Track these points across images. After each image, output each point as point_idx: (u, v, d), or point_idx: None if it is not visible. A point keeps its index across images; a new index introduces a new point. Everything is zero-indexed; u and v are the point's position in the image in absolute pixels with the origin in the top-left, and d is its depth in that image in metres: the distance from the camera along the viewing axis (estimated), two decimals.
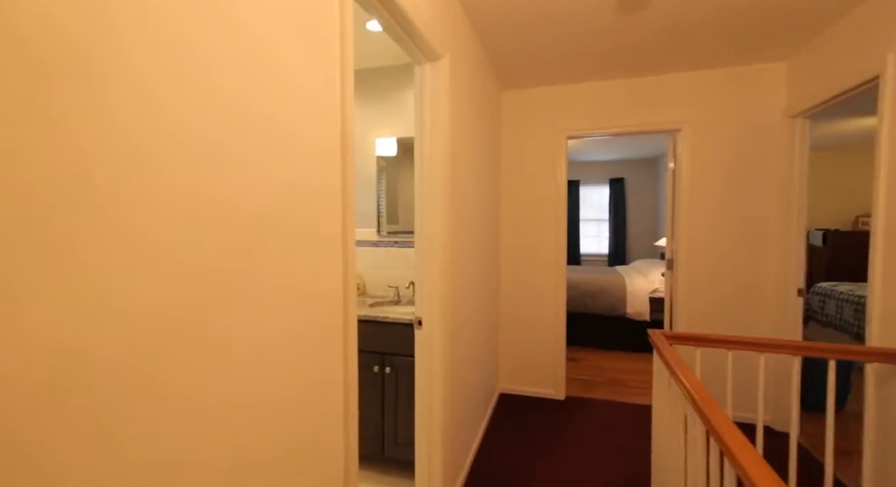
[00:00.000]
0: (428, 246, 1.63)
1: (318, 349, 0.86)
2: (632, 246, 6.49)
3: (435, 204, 1.63)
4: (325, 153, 0.88)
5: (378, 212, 2.57)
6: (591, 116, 2.83)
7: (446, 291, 1.66)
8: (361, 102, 2.59)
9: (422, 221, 1.64)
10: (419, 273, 1.65)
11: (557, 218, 2.92)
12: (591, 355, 3.96)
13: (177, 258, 0.55)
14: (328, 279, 0.90)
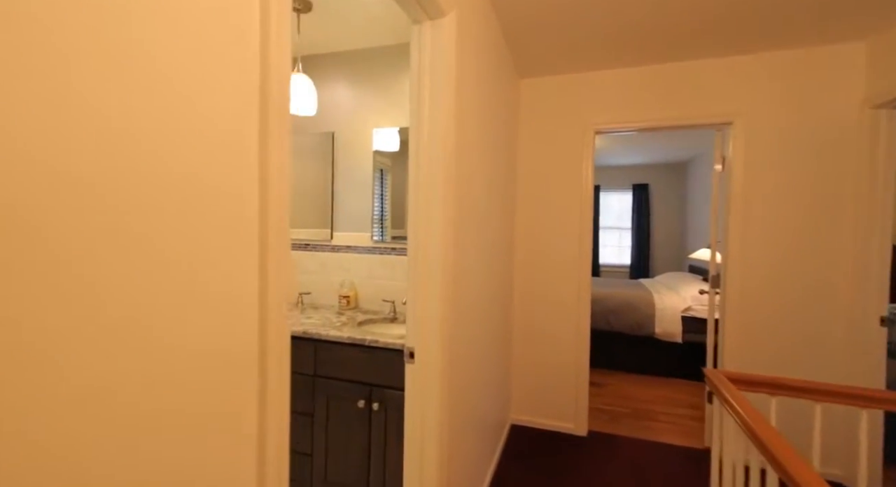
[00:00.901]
0: (423, 260, 1.27)
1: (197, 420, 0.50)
2: (656, 258, 6.02)
3: (433, 207, 1.27)
4: (229, 118, 0.53)
5: (373, 214, 2.23)
6: (624, 108, 2.44)
7: (446, 316, 1.30)
8: (356, 88, 2.25)
9: (416, 229, 1.28)
10: (412, 294, 1.28)
11: (582, 224, 2.53)
12: (615, 379, 3.53)
13: None
14: (228, 294, 0.54)
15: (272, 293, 0.58)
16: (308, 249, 2.36)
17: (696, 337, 3.52)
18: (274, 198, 0.58)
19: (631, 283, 4.54)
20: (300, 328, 1.77)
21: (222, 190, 0.52)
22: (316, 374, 1.76)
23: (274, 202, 0.58)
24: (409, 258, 1.29)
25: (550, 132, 2.59)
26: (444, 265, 1.28)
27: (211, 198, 0.51)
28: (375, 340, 1.65)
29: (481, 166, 1.73)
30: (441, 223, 1.27)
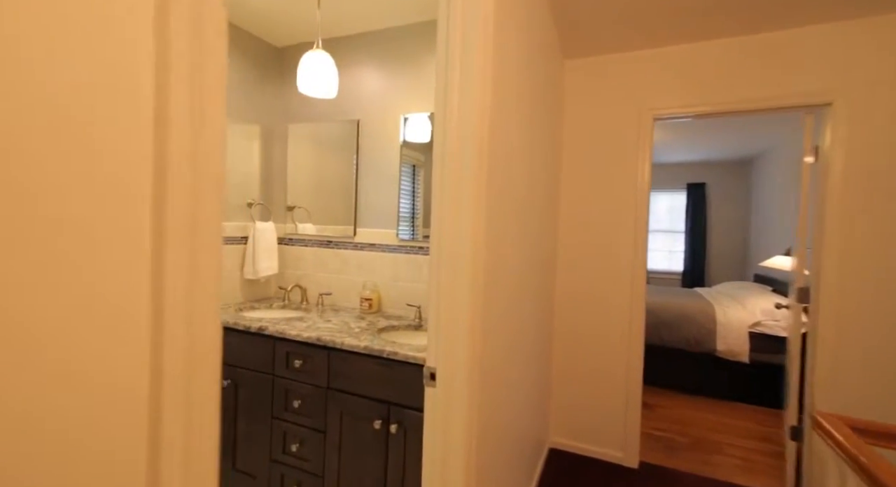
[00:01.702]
0: (448, 262, 1.03)
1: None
2: (714, 265, 5.46)
3: (462, 199, 1.03)
4: None
5: (399, 211, 2.02)
6: (689, 90, 2.09)
7: (475, 330, 1.05)
8: (382, 71, 2.06)
9: (440, 225, 1.04)
10: (434, 303, 1.05)
11: (637, 225, 2.20)
12: (668, 400, 3.13)
13: None
14: (90, 297, 0.33)
15: (177, 300, 0.37)
16: (330, 246, 2.19)
17: (766, 358, 3.06)
18: (181, 162, 0.37)
19: (686, 292, 4.08)
20: (314, 334, 1.59)
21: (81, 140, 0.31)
22: (329, 386, 1.57)
23: (181, 167, 0.37)
24: (431, 260, 1.06)
25: (600, 120, 2.28)
26: (474, 268, 1.03)
27: (66, 149, 0.30)
28: (394, 352, 1.43)
29: (521, 156, 1.47)
30: (471, 219, 1.02)
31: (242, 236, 2.15)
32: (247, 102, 2.15)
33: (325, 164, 2.19)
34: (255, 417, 1.72)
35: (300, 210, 2.25)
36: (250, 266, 2.12)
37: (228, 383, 1.77)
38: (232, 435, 1.77)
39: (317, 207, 2.22)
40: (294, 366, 1.63)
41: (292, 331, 1.62)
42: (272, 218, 2.30)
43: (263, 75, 2.23)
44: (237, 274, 2.13)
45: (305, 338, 1.59)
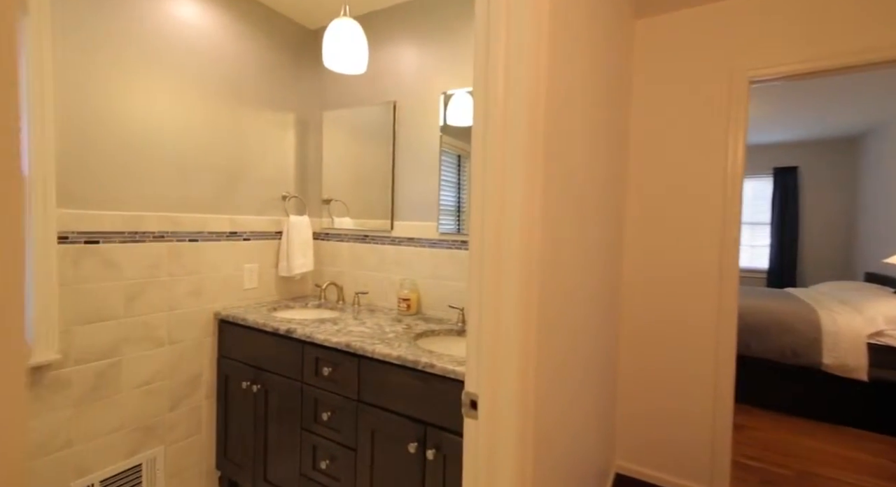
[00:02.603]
0: (493, 267, 0.78)
1: None
2: (808, 262, 4.71)
3: (509, 180, 0.78)
4: None
5: (440, 202, 1.79)
6: (796, 41, 1.66)
7: (529, 349, 0.80)
8: (420, 44, 1.83)
9: (482, 212, 0.80)
10: (474, 312, 0.81)
11: (727, 217, 1.81)
12: (760, 420, 2.66)
13: None
14: None
15: None
16: (367, 241, 2.02)
17: (892, 375, 2.48)
18: None
19: (777, 294, 3.50)
20: (343, 339, 1.41)
21: None
22: (359, 399, 1.38)
23: None
24: (470, 258, 0.82)
25: (679, 90, 1.90)
26: (527, 268, 0.78)
27: None
28: (430, 364, 1.21)
29: (581, 134, 1.18)
30: (522, 206, 0.77)
31: (277, 231, 2.04)
32: (280, 89, 2.02)
33: (361, 153, 2.02)
34: (284, 426, 1.58)
35: (337, 203, 2.10)
36: (284, 262, 2.00)
37: (259, 389, 1.65)
38: (262, 443, 1.65)
39: (354, 200, 2.06)
40: (323, 374, 1.46)
41: (320, 335, 1.45)
42: (307, 211, 2.17)
43: (297, 59, 2.10)
44: (272, 272, 2.03)
45: (334, 344, 1.41)
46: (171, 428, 1.66)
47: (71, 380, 1.38)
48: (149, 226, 1.55)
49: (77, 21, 1.34)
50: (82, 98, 1.37)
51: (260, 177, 1.96)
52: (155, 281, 1.58)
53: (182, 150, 1.65)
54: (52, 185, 1.30)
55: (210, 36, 1.72)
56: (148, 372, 1.58)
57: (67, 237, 1.35)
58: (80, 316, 1.39)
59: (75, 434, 1.39)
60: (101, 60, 1.41)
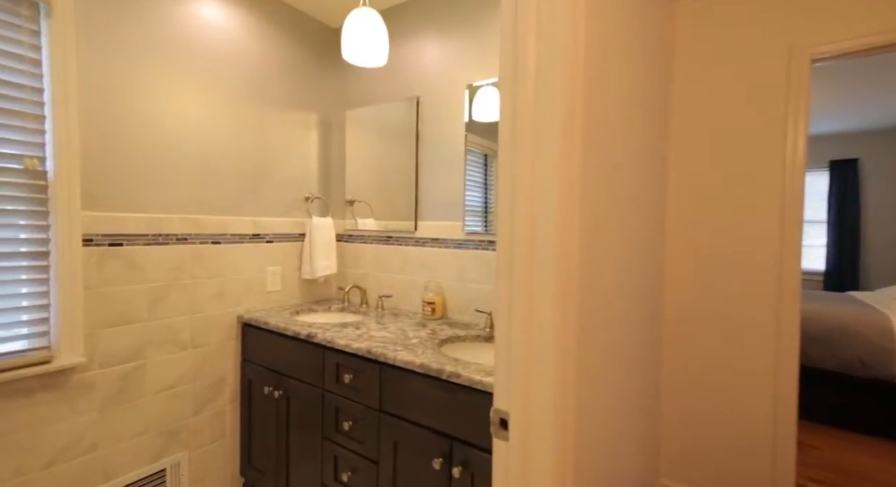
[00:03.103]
0: (523, 259, 0.68)
1: None
2: (872, 263, 4.29)
3: (543, 169, 0.68)
4: None
5: (465, 201, 1.70)
6: (864, 11, 1.46)
7: (568, 361, 0.69)
8: (443, 36, 1.75)
9: (512, 207, 0.70)
10: (504, 323, 0.71)
11: (786, 213, 1.61)
12: (825, 438, 2.39)
13: None
14: None
15: None
16: (390, 242, 1.95)
17: None
18: None
19: (840, 298, 3.18)
20: (364, 345, 1.34)
21: None
22: (381, 409, 1.30)
23: None
24: (498, 259, 0.72)
25: (727, 69, 1.73)
26: (564, 269, 0.67)
27: None
28: (456, 373, 1.12)
29: (620, 119, 1.05)
30: (558, 200, 0.67)
31: (300, 233, 2.00)
32: (303, 88, 2.00)
33: (384, 152, 1.96)
34: (306, 434, 1.52)
35: (360, 204, 2.05)
36: (307, 265, 1.96)
37: (280, 394, 1.60)
38: (285, 451, 1.60)
39: (377, 200, 2.00)
40: (344, 381, 1.39)
41: (341, 341, 1.39)
42: (330, 213, 2.13)
43: (319, 58, 2.07)
44: (295, 275, 1.99)
45: (354, 350, 1.34)
46: (194, 433, 1.64)
47: (95, 384, 1.37)
48: (172, 228, 1.54)
49: (100, 23, 1.34)
50: (105, 100, 1.37)
51: (283, 179, 1.93)
52: (178, 284, 1.56)
53: (205, 152, 1.64)
54: (76, 188, 1.30)
55: (232, 36, 1.71)
56: (172, 376, 1.56)
57: (92, 239, 1.35)
58: (104, 319, 1.38)
59: (100, 438, 1.39)
60: (124, 62, 1.41)
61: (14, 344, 1.21)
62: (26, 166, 1.21)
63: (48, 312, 1.27)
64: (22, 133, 1.20)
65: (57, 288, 1.27)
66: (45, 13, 1.22)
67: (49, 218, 1.26)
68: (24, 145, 1.20)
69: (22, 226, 1.21)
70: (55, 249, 1.26)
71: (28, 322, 1.24)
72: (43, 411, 1.26)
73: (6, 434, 1.20)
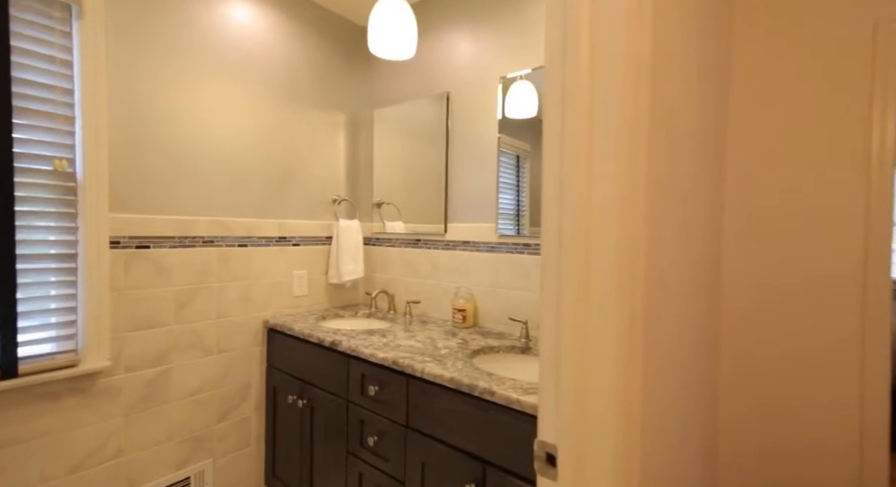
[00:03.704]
0: (578, 277, 0.56)
1: None
2: None
3: (600, 162, 0.56)
4: None
5: (498, 203, 1.59)
6: None
7: (631, 390, 0.56)
8: (475, 27, 1.66)
9: (560, 223, 0.59)
10: (549, 347, 0.59)
11: (871, 214, 1.39)
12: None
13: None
14: None
15: None
16: (419, 246, 1.86)
17: None
18: None
19: None
20: (389, 354, 1.25)
21: None
22: (408, 425, 1.21)
23: None
24: (543, 265, 0.60)
25: (799, 47, 1.53)
26: (630, 280, 0.55)
27: None
28: (489, 390, 1.00)
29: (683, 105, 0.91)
30: (621, 201, 0.55)
31: (327, 236, 1.95)
32: (331, 88, 1.95)
33: (413, 152, 1.88)
34: (330, 448, 1.44)
35: (389, 206, 1.98)
36: (334, 269, 1.91)
37: (304, 404, 1.54)
38: (309, 464, 1.53)
39: (405, 202, 1.92)
40: (369, 393, 1.31)
41: (366, 350, 1.30)
42: (358, 215, 2.07)
43: (347, 57, 2.02)
44: (322, 279, 1.94)
45: (380, 360, 1.25)
46: (219, 440, 1.60)
47: (121, 388, 1.35)
48: (199, 230, 1.52)
49: (129, 24, 1.34)
50: (133, 101, 1.36)
51: (310, 180, 1.89)
52: (204, 288, 1.53)
53: (232, 153, 1.61)
54: (104, 189, 1.29)
55: (259, 36, 1.68)
56: (197, 382, 1.53)
57: (119, 242, 1.33)
58: (130, 322, 1.36)
59: (125, 444, 1.36)
60: (152, 63, 1.40)
61: (42, 347, 1.20)
62: (56, 167, 1.20)
63: (76, 315, 1.26)
64: (52, 134, 1.20)
65: (84, 290, 1.26)
66: (76, 15, 1.22)
67: (77, 219, 1.25)
68: (53, 146, 1.20)
69: (51, 227, 1.21)
70: (83, 251, 1.25)
71: (56, 324, 1.23)
72: (69, 415, 1.25)
73: (33, 439, 1.19)
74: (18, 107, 1.13)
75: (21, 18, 1.13)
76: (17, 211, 1.14)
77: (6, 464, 1.14)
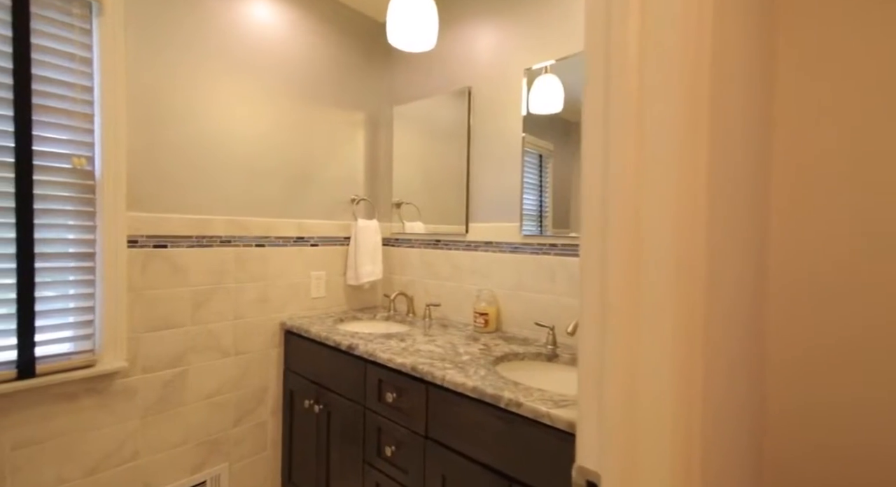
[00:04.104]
0: (626, 280, 0.48)
1: None
2: None
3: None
4: None
5: (523, 203, 1.51)
6: None
7: (690, 414, 0.48)
8: (498, 17, 1.59)
9: (604, 221, 0.51)
10: (591, 359, 0.51)
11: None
12: None
13: None
14: None
15: None
16: (439, 246, 1.80)
17: None
18: None
19: None
20: (408, 360, 1.18)
21: None
22: (428, 435, 1.14)
23: None
24: (582, 264, 0.53)
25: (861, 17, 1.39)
26: (688, 287, 0.47)
27: None
28: (516, 401, 0.92)
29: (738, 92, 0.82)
30: (677, 200, 0.47)
31: (345, 236, 1.91)
32: (350, 85, 1.92)
33: (433, 150, 1.82)
34: (346, 455, 1.39)
35: (408, 206, 1.92)
36: (352, 270, 1.86)
37: (321, 409, 1.49)
38: (325, 471, 1.48)
39: (425, 202, 1.86)
40: (387, 400, 1.25)
41: (383, 354, 1.24)
42: (377, 215, 2.02)
43: (367, 54, 1.98)
44: (340, 280, 1.90)
45: (398, 365, 1.19)
46: (236, 444, 1.57)
47: (137, 390, 1.33)
48: (216, 229, 1.50)
49: (148, 21, 1.33)
50: (151, 99, 1.34)
51: (328, 180, 1.85)
52: (221, 288, 1.51)
53: (250, 152, 1.59)
54: (122, 187, 1.27)
55: (278, 34, 1.66)
56: (213, 384, 1.50)
57: (136, 241, 1.32)
58: (147, 322, 1.34)
59: (141, 447, 1.34)
60: (171, 61, 1.38)
61: (60, 347, 1.19)
62: (74, 165, 1.19)
63: (93, 314, 1.25)
64: (70, 132, 1.19)
65: (102, 289, 1.24)
66: (96, 12, 1.21)
67: (95, 218, 1.24)
68: (72, 144, 1.19)
69: (70, 226, 1.20)
70: (100, 250, 1.24)
71: (73, 324, 1.22)
72: (85, 416, 1.23)
73: (49, 440, 1.17)
74: (38, 105, 1.13)
75: (41, 15, 1.13)
76: (35, 209, 1.13)
77: (22, 465, 1.13)
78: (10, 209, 1.09)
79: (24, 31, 1.09)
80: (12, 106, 1.09)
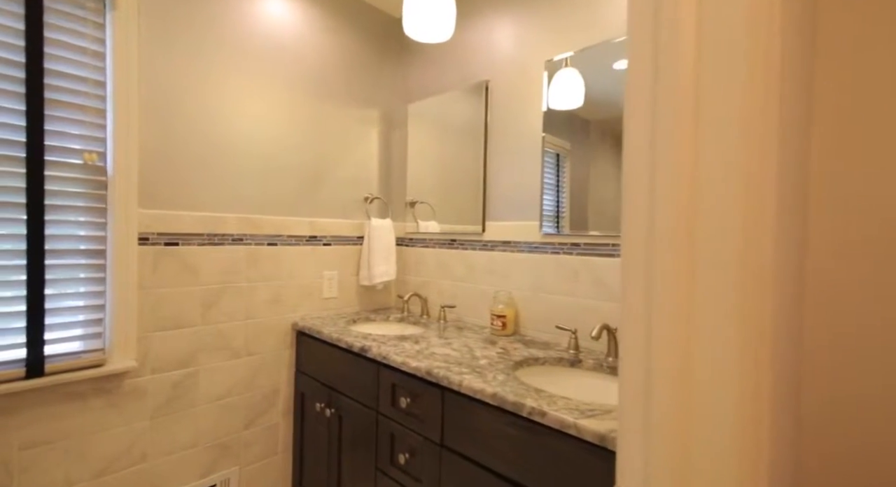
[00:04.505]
0: (679, 290, 0.42)
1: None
2: None
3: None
4: None
5: (542, 201, 1.44)
6: None
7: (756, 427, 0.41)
8: (518, 7, 1.53)
9: (651, 221, 0.45)
10: (633, 371, 0.45)
11: None
12: None
13: None
14: None
15: None
16: (454, 246, 1.74)
17: None
18: None
19: None
20: (423, 364, 1.13)
21: None
22: (443, 444, 1.08)
23: None
24: (624, 264, 0.47)
25: None
26: (755, 288, 0.41)
27: None
28: (540, 410, 0.86)
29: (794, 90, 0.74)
30: (744, 191, 0.41)
31: (358, 236, 1.87)
32: (364, 82, 1.88)
33: (449, 148, 1.77)
34: (358, 462, 1.34)
35: (422, 205, 1.87)
36: (365, 270, 1.82)
37: (332, 413, 1.45)
38: (336, 477, 1.43)
39: (441, 201, 1.81)
40: (400, 405, 1.19)
41: (397, 357, 1.19)
42: (390, 214, 1.98)
43: (381, 51, 1.95)
44: (353, 281, 1.86)
45: (412, 369, 1.14)
46: (246, 447, 1.53)
47: (147, 390, 1.31)
48: (228, 227, 1.47)
49: (160, 16, 1.31)
50: (164, 94, 1.32)
51: (342, 178, 1.82)
52: (232, 288, 1.48)
53: (263, 149, 1.56)
54: (134, 184, 1.25)
55: (292, 30, 1.63)
56: (224, 385, 1.47)
57: (147, 238, 1.29)
58: (157, 322, 1.32)
59: (150, 449, 1.31)
60: (183, 56, 1.36)
61: (69, 346, 1.17)
62: (86, 161, 1.18)
63: (103, 313, 1.23)
64: (82, 127, 1.17)
65: (112, 287, 1.22)
66: (109, 6, 1.20)
67: (107, 215, 1.22)
68: (84, 139, 1.18)
69: (81, 222, 1.18)
70: (111, 247, 1.22)
71: (83, 322, 1.20)
72: (94, 417, 1.21)
73: (58, 440, 1.15)
74: (50, 99, 1.11)
75: (55, 9, 1.11)
76: (46, 205, 1.11)
77: (30, 466, 1.11)
78: (21, 205, 1.08)
79: (37, 24, 1.08)
80: (24, 100, 1.07)
